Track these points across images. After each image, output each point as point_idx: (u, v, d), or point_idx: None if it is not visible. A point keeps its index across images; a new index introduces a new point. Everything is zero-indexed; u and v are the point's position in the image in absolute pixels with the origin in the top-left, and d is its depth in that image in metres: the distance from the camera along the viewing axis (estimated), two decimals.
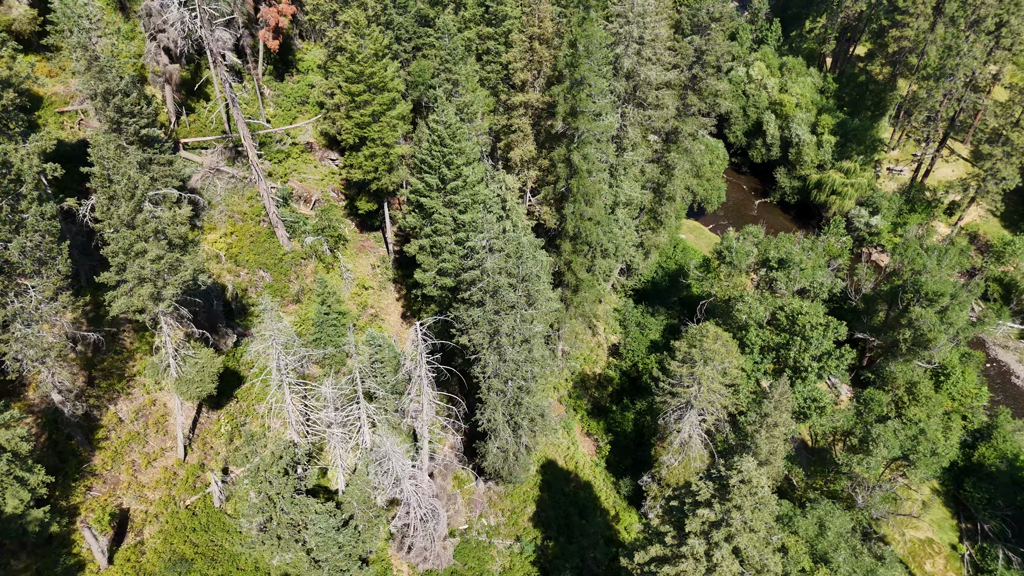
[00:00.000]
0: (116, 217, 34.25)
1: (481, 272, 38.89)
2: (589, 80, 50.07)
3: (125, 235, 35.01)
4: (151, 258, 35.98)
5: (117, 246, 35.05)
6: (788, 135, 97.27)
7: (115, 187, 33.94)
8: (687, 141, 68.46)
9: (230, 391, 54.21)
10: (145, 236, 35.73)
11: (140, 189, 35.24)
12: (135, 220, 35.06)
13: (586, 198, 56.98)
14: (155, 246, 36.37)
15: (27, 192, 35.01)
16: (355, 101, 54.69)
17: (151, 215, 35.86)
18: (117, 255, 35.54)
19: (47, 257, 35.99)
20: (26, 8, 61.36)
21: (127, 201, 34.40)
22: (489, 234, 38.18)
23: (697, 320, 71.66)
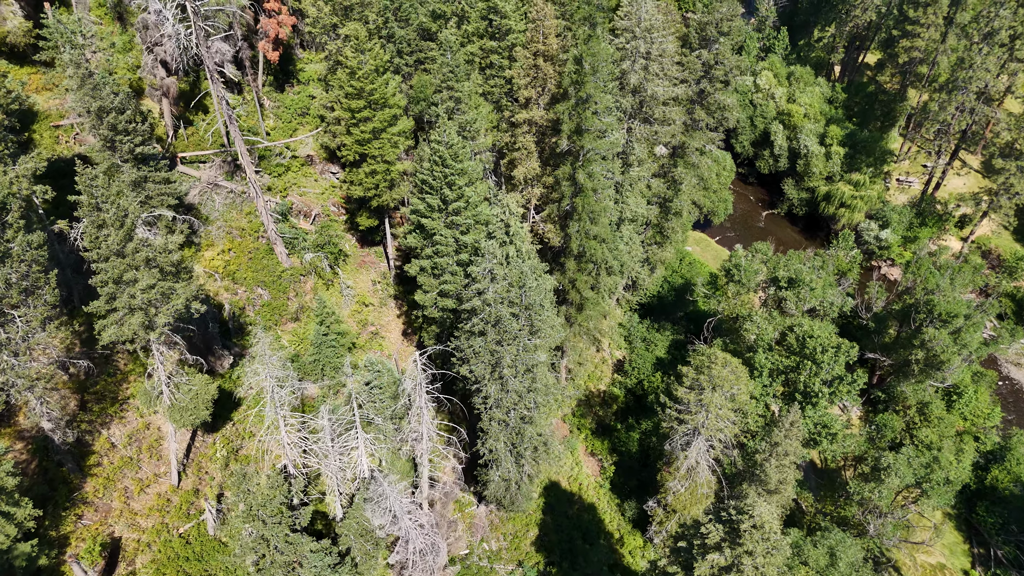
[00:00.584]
0: (105, 246, 33.03)
1: (483, 302, 37.61)
2: (595, 98, 48.76)
3: (115, 264, 33.79)
4: (142, 287, 34.78)
5: (106, 275, 33.84)
6: (796, 146, 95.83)
7: (104, 215, 32.74)
8: (694, 156, 67.11)
9: (226, 414, 52.98)
10: (135, 265, 34.52)
11: (130, 216, 34.03)
12: (125, 249, 33.86)
13: (591, 216, 55.67)
14: (146, 275, 35.17)
15: (12, 221, 33.84)
16: (355, 117, 53.50)
17: (142, 243, 34.64)
18: (106, 284, 34.32)
19: (34, 287, 34.81)
20: (21, 20, 60.30)
21: (117, 229, 33.19)
22: (491, 262, 36.87)
23: (704, 338, 70.28)
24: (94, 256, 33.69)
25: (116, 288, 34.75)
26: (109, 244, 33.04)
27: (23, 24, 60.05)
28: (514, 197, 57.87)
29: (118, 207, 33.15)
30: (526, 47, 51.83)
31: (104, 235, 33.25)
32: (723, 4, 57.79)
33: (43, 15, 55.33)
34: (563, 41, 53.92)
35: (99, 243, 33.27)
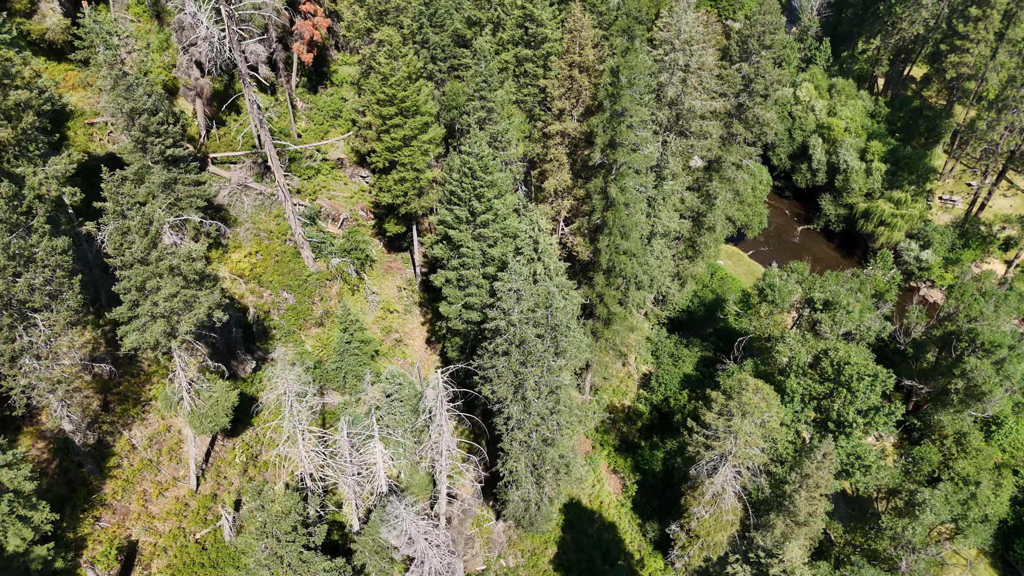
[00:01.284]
0: (128, 254, 32.68)
1: (507, 322, 36.61)
2: (630, 111, 47.52)
3: (138, 271, 33.44)
4: (164, 296, 34.39)
5: (129, 283, 33.49)
6: (835, 160, 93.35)
7: (129, 222, 32.38)
8: (730, 170, 65.49)
9: (247, 418, 52.65)
10: (159, 273, 34.16)
11: (155, 224, 33.66)
12: (149, 256, 33.49)
13: (622, 231, 54.42)
14: (169, 282, 34.78)
15: (38, 225, 33.67)
16: (386, 124, 52.85)
17: (167, 251, 34.25)
18: (129, 292, 34.00)
19: (58, 291, 34.63)
20: (59, 18, 60.71)
21: (141, 237, 32.82)
22: (517, 281, 35.88)
23: (734, 357, 68.55)
24: (117, 263, 33.38)
25: (139, 295, 34.41)
26: (133, 252, 32.69)
27: (61, 21, 60.45)
28: (544, 209, 56.84)
29: (143, 214, 32.78)
30: (561, 57, 50.75)
31: (128, 242, 32.90)
32: (766, 16, 56.13)
33: (80, 14, 55.59)
34: (600, 52, 52.73)
35: (123, 250, 32.93)
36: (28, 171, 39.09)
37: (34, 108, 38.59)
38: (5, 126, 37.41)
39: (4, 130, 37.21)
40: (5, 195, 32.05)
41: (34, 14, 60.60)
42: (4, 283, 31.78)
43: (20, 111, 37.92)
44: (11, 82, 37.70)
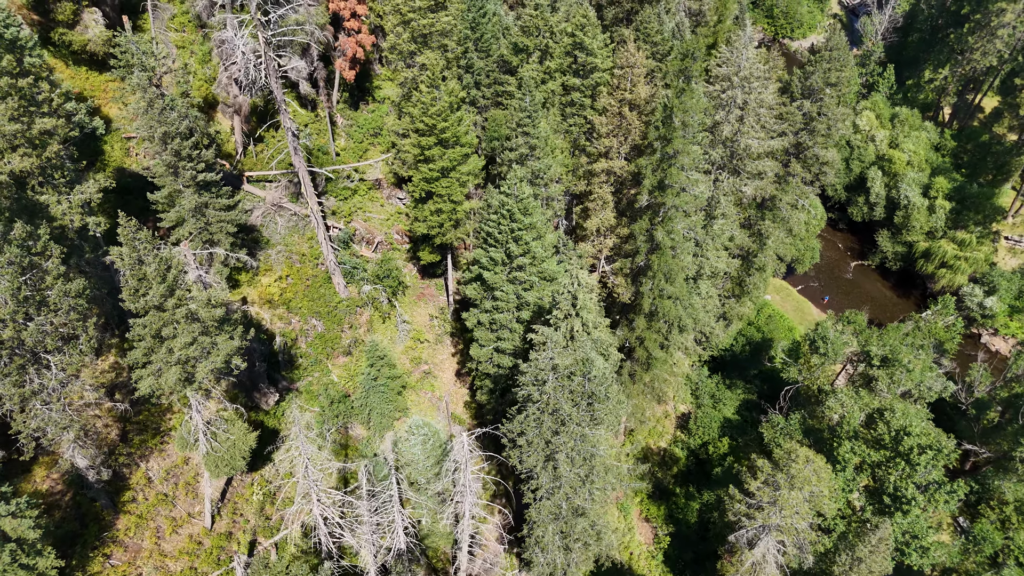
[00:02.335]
0: (144, 301, 30.96)
1: (540, 392, 34.00)
2: (683, 154, 44.49)
3: (154, 318, 31.69)
4: (180, 344, 32.60)
5: (144, 330, 31.77)
6: (895, 195, 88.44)
7: (146, 268, 30.63)
8: (785, 210, 61.83)
9: (267, 453, 50.92)
10: (175, 320, 32.37)
11: (173, 270, 31.86)
12: (165, 303, 31.72)
13: (667, 275, 51.38)
14: (186, 329, 32.97)
15: (52, 268, 32.16)
16: (424, 154, 50.64)
17: (185, 297, 32.44)
18: (144, 339, 32.28)
19: (72, 334, 33.12)
20: (101, 29, 59.97)
21: (158, 283, 31.04)
22: (553, 351, 33.24)
23: (779, 407, 64.79)
24: (132, 309, 31.67)
25: (154, 342, 32.68)
26: (149, 299, 30.94)
27: (103, 33, 59.69)
28: (585, 248, 54.05)
29: (160, 259, 31.01)
30: (611, 93, 47.90)
31: (145, 287, 31.16)
32: (832, 52, 52.46)
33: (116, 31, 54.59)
34: (652, 87, 49.70)
35: (138, 297, 31.20)
36: (52, 200, 37.77)
37: (60, 137, 37.22)
38: (30, 154, 36.10)
39: (28, 159, 35.90)
40: (18, 237, 30.60)
41: (77, 24, 59.98)
42: (13, 328, 30.33)
43: (46, 139, 36.57)
44: (37, 109, 36.38)
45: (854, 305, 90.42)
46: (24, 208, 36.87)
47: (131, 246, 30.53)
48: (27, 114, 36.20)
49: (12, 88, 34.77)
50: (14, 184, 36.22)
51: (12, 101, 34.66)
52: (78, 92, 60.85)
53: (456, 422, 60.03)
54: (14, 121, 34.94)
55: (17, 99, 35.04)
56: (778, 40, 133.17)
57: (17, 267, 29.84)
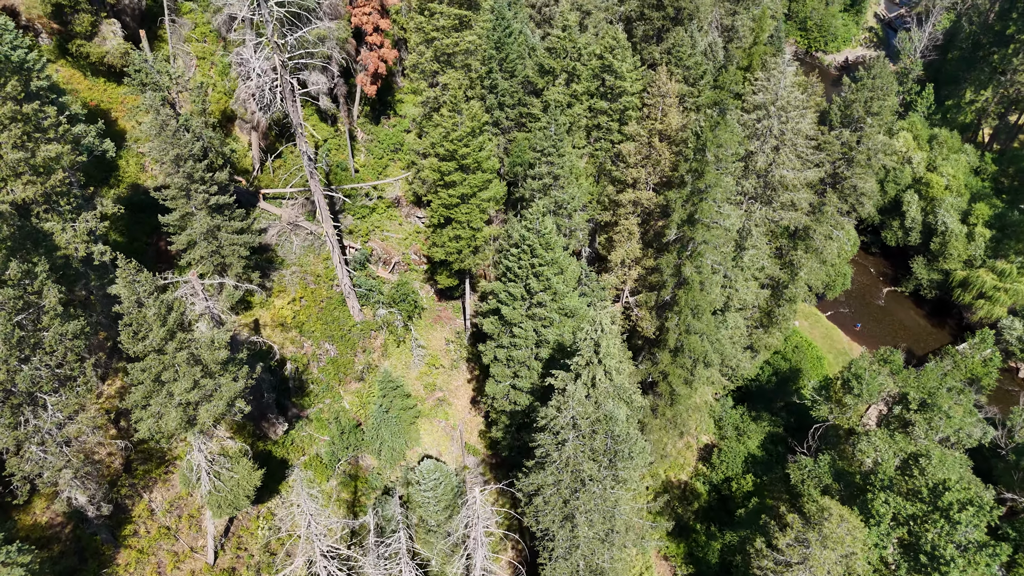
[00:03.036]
0: (143, 345, 29.40)
1: (559, 452, 31.95)
2: (715, 188, 42.21)
3: (153, 362, 30.12)
4: (181, 390, 31.00)
5: (143, 374, 30.21)
6: (932, 221, 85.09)
7: (146, 311, 29.04)
8: (819, 240, 59.14)
9: (274, 485, 49.37)
10: (176, 364, 30.77)
11: (175, 313, 30.25)
12: (166, 347, 30.13)
13: (694, 311, 49.11)
14: (188, 372, 31.36)
15: (49, 307, 30.71)
16: (444, 180, 48.78)
17: (186, 340, 30.83)
18: (143, 382, 30.73)
19: (69, 377, 31.67)
20: (120, 41, 58.86)
21: (159, 327, 29.46)
22: (574, 409, 31.19)
23: (808, 446, 62.07)
24: (131, 353, 30.12)
25: (154, 386, 31.11)
26: (148, 343, 29.36)
27: (121, 45, 58.57)
28: (608, 279, 51.88)
29: (161, 303, 29.40)
30: (640, 123, 45.69)
31: (144, 331, 29.58)
32: (875, 80, 49.80)
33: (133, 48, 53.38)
34: (684, 115, 47.40)
35: (137, 341, 29.63)
36: (57, 228, 36.41)
37: (65, 165, 35.82)
38: (34, 182, 34.73)
39: (32, 187, 34.54)
40: (14, 277, 29.19)
41: (95, 36, 58.92)
42: (6, 371, 28.90)
43: (51, 166, 35.20)
44: (43, 135, 35.01)
45: (886, 334, 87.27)
46: (28, 236, 35.55)
47: (130, 288, 28.97)
48: (32, 140, 34.84)
49: (17, 114, 33.41)
50: (17, 213, 34.90)
51: (16, 128, 33.30)
52: (95, 105, 59.90)
53: (470, 452, 58.14)
54: (18, 149, 33.59)
55: (22, 126, 33.68)
56: (811, 53, 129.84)
57: (11, 308, 28.42)
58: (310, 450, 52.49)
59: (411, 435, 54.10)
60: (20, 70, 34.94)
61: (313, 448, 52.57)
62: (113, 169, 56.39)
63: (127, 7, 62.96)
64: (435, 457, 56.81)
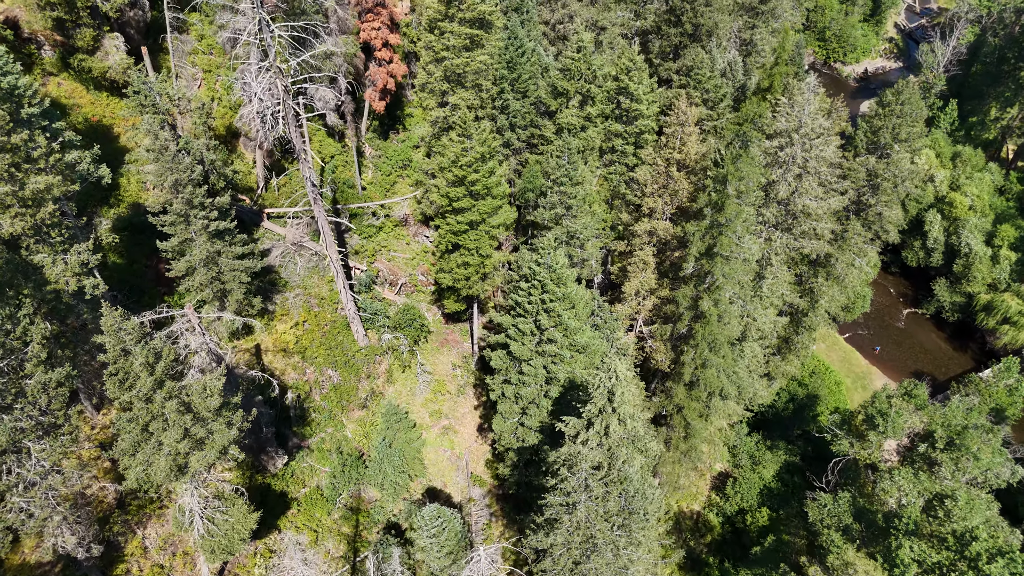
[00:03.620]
0: (128, 396, 27.77)
1: (570, 515, 30.10)
2: (736, 222, 40.21)
3: (141, 411, 28.48)
4: (170, 440, 29.34)
5: (129, 424, 28.56)
6: (955, 242, 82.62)
7: (133, 361, 27.41)
8: (841, 267, 56.94)
9: (272, 519, 47.75)
10: (165, 414, 29.13)
11: (163, 361, 28.61)
12: (154, 395, 28.49)
13: (711, 345, 47.13)
14: (177, 422, 29.70)
15: (32, 354, 29.14)
16: (453, 206, 47.02)
17: (176, 388, 29.18)
18: (130, 433, 29.09)
19: (53, 426, 30.10)
20: (123, 56, 57.44)
21: (147, 376, 27.82)
22: (586, 471, 29.34)
23: (827, 481, 59.87)
24: (117, 404, 28.51)
25: (142, 436, 29.48)
26: (135, 393, 27.73)
27: (124, 60, 57.15)
28: (622, 309, 49.95)
29: (148, 352, 27.76)
30: (658, 151, 43.76)
31: (132, 380, 27.95)
32: (904, 106, 47.63)
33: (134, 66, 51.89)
34: (703, 143, 45.42)
35: (123, 389, 28.00)
36: (47, 261, 34.86)
37: (55, 196, 34.26)
38: (23, 215, 33.20)
39: (21, 221, 33.01)
40: None
41: (97, 51, 57.52)
42: None
43: (42, 198, 33.65)
44: (32, 166, 33.47)
45: (906, 357, 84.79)
46: (17, 269, 34.01)
47: (115, 336, 27.34)
48: (21, 171, 33.31)
49: (5, 145, 31.88)
50: (6, 246, 33.39)
51: (3, 160, 31.78)
52: (96, 120, 58.53)
53: (476, 483, 56.31)
54: (5, 181, 32.08)
55: (10, 157, 32.16)
56: (829, 64, 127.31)
57: None
58: (311, 482, 50.83)
59: (415, 467, 52.33)
60: (10, 97, 33.42)
61: (314, 480, 50.91)
62: (113, 188, 54.93)
63: (131, 20, 61.55)
64: (440, 489, 55.11)
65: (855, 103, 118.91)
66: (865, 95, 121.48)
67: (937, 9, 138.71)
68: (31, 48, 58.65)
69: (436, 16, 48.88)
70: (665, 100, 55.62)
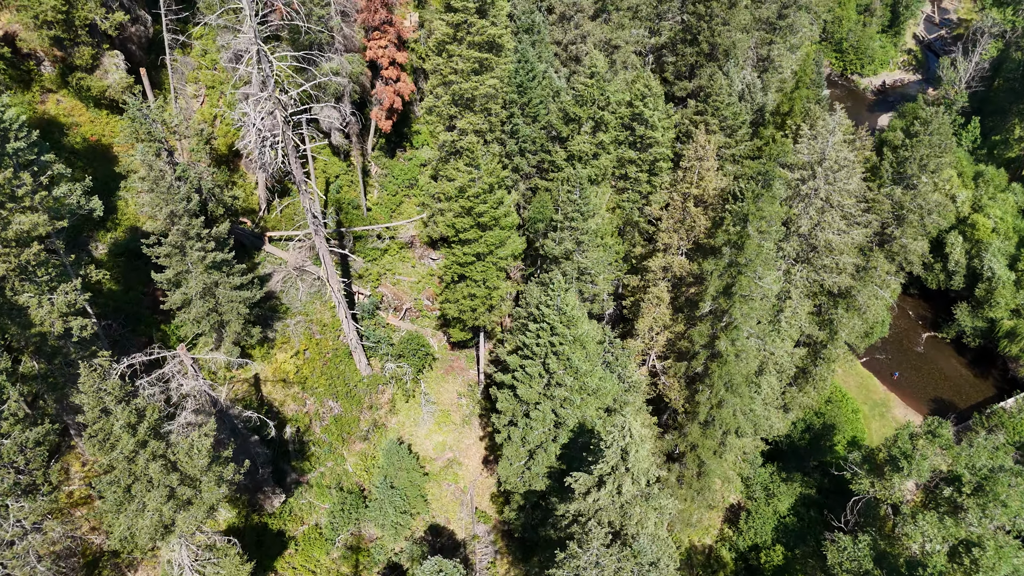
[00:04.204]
0: (109, 459, 26.09)
1: None
2: (756, 262, 38.21)
3: (121, 473, 26.76)
4: (155, 501, 27.60)
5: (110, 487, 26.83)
6: (977, 265, 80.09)
7: (113, 422, 25.72)
8: (862, 299, 54.82)
9: (268, 561, 46.01)
10: (149, 475, 27.40)
11: (147, 420, 26.90)
12: (137, 457, 26.76)
13: (728, 385, 45.14)
14: (162, 481, 27.95)
15: (9, 412, 27.49)
16: (459, 237, 45.19)
17: (160, 449, 27.44)
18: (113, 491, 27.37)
19: (32, 486, 28.44)
20: (122, 75, 55.95)
21: (128, 436, 26.10)
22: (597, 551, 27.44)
23: (846, 520, 57.63)
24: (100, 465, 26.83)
25: (125, 496, 27.77)
26: (115, 456, 26.02)
27: (124, 79, 55.68)
28: (634, 344, 47.98)
29: (131, 412, 26.03)
30: (674, 186, 41.80)
31: (113, 440, 26.24)
32: (932, 136, 45.47)
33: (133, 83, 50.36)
34: (720, 170, 43.40)
35: (105, 451, 26.30)
36: (33, 302, 33.23)
37: (41, 236, 32.65)
38: (6, 257, 31.58)
39: (3, 263, 31.39)
40: None
41: (96, 69, 56.04)
42: None
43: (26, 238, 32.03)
44: (16, 204, 31.83)
45: (926, 383, 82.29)
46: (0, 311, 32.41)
47: (94, 397, 25.63)
48: (5, 209, 31.70)
49: None
50: None
51: None
52: (95, 140, 57.11)
53: (481, 520, 54.42)
54: None
55: None
56: (846, 76, 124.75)
57: None
58: (309, 520, 49.10)
59: (418, 504, 50.51)
60: None
61: (313, 517, 49.18)
62: (111, 211, 53.43)
63: (133, 35, 60.11)
64: (443, 525, 53.27)
65: (872, 116, 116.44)
66: (883, 108, 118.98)
67: (957, 20, 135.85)
68: (30, 64, 57.29)
69: (444, 38, 47.08)
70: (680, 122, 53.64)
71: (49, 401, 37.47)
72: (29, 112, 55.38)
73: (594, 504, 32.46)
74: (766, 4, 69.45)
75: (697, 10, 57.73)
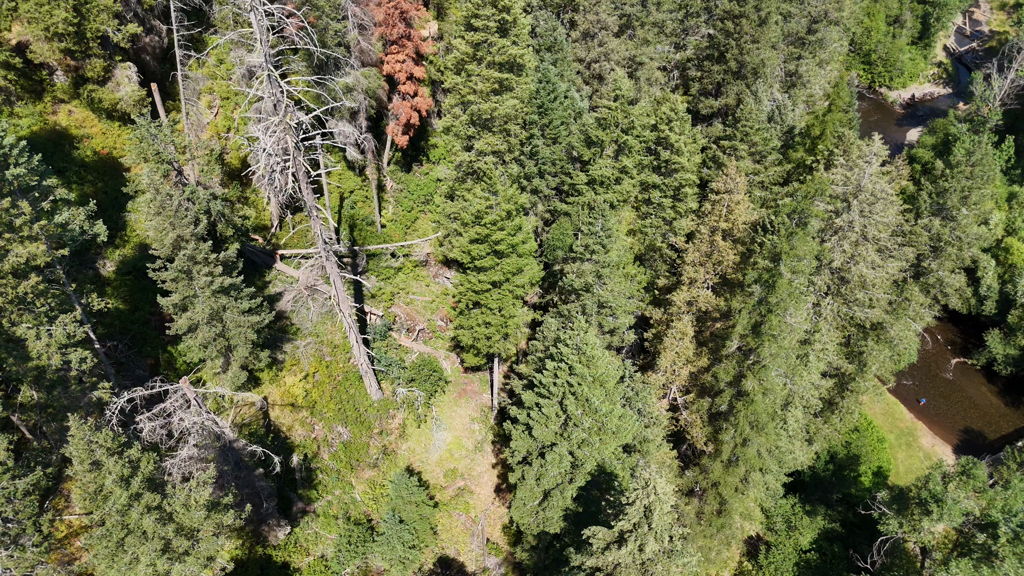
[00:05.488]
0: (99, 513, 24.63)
1: None
2: (788, 302, 36.19)
3: (114, 527, 25.29)
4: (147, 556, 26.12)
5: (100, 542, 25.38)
6: (1011, 291, 77.21)
7: (104, 476, 24.26)
8: (895, 331, 52.51)
9: None
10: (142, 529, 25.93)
11: (141, 473, 25.44)
12: (130, 511, 25.29)
13: (754, 424, 43.07)
14: (159, 531, 26.45)
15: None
16: (475, 264, 43.51)
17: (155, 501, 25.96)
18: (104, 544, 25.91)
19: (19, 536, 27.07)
20: (134, 87, 54.80)
21: (121, 490, 24.63)
22: None
23: (872, 561, 55.32)
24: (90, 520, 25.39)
25: (116, 550, 26.30)
26: (107, 510, 24.57)
27: (135, 92, 54.53)
28: (655, 379, 46.04)
29: (123, 464, 24.57)
30: (702, 218, 39.83)
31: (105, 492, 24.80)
32: (975, 168, 43.18)
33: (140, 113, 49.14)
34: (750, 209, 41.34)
35: (96, 504, 24.87)
36: (31, 334, 31.92)
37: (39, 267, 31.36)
38: (3, 288, 30.29)
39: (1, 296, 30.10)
40: None
41: (108, 81, 54.93)
42: None
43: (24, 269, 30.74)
44: (15, 235, 30.54)
45: (954, 412, 79.51)
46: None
47: (85, 450, 24.19)
48: (3, 239, 30.41)
49: None
50: None
51: None
52: (106, 152, 56.09)
53: (492, 552, 52.69)
54: None
55: None
56: (875, 89, 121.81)
57: None
58: (315, 550, 47.59)
59: (427, 538, 48.86)
60: None
61: (319, 548, 47.67)
62: (120, 228, 52.30)
63: (147, 46, 59.04)
64: (453, 557, 51.60)
65: (901, 131, 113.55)
66: (912, 122, 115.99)
67: (989, 32, 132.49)
68: (42, 74, 56.38)
69: (464, 57, 45.42)
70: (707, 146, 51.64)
71: (48, 431, 36.22)
72: (40, 123, 54.46)
73: (613, 560, 30.67)
74: (795, 18, 67.26)
75: (725, 27, 55.69)
